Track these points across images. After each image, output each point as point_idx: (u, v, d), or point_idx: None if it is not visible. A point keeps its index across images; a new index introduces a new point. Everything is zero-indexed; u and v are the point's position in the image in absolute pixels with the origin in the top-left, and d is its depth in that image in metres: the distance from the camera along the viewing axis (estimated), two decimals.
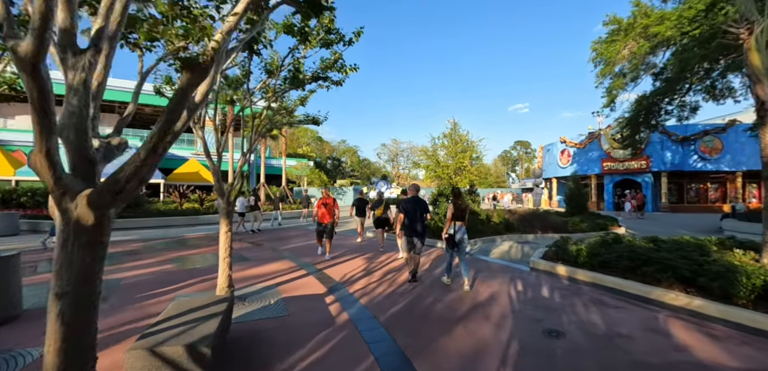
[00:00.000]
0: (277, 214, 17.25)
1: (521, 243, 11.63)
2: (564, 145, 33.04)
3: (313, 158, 50.35)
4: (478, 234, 11.96)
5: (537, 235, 13.02)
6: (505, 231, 13.09)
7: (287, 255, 9.07)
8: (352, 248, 10.28)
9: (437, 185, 18.15)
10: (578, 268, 6.83)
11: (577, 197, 16.52)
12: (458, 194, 6.35)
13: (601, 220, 15.06)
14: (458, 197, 6.23)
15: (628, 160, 28.20)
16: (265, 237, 12.57)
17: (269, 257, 8.75)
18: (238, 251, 9.56)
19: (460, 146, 17.00)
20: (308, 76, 5.60)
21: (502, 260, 8.60)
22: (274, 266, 7.77)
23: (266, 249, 10.03)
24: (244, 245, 10.79)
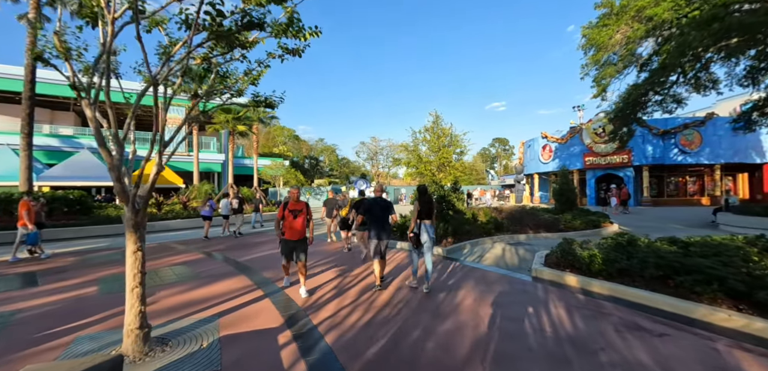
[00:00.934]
0: (259, 216, 16.58)
1: (514, 245, 10.52)
2: (545, 140, 32.55)
3: (288, 157, 48.37)
4: (465, 236, 10.79)
5: (529, 235, 11.96)
6: (495, 231, 11.98)
7: (246, 268, 7.60)
8: (324, 256, 8.89)
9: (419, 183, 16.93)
10: (592, 278, 5.70)
11: (566, 193, 15.63)
12: (424, 191, 6.02)
13: (594, 216, 14.20)
14: (424, 195, 5.93)
15: (610, 154, 27.87)
16: (231, 244, 11.01)
17: (222, 272, 7.26)
18: (190, 263, 8.02)
19: (442, 140, 15.77)
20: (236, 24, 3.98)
21: (498, 268, 7.41)
22: (224, 285, 6.31)
23: (222, 261, 8.51)
24: (199, 256, 9.22)
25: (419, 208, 5.79)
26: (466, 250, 9.69)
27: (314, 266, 7.76)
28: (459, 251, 9.44)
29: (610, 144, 27.84)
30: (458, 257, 8.62)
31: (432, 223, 5.83)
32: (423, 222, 5.79)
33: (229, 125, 21.07)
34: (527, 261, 8.07)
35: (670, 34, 11.21)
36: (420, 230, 5.76)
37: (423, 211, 5.80)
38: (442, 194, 11.60)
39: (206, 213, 12.99)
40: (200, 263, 8.23)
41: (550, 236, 11.96)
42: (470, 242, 10.33)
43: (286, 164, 39.61)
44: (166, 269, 7.61)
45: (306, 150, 68.40)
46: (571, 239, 7.58)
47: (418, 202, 5.85)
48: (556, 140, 31.60)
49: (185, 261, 8.49)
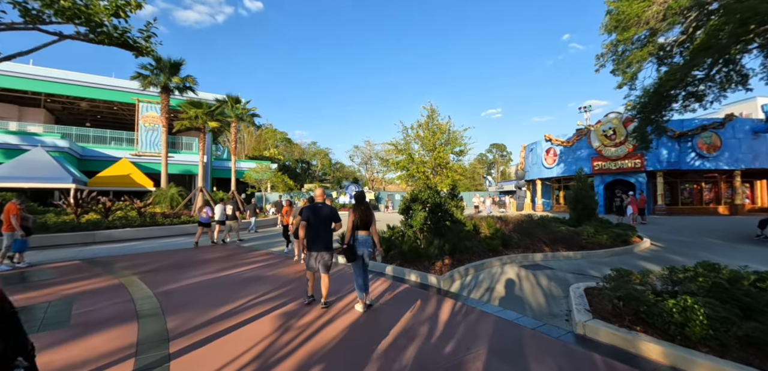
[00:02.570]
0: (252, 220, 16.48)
1: (531, 269, 8.19)
2: (549, 143, 30.35)
3: (277, 160, 45.97)
4: (466, 255, 8.46)
5: (545, 253, 9.63)
6: (504, 248, 9.66)
7: (149, 314, 5.21)
8: (276, 283, 6.50)
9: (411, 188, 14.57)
10: (693, 351, 3.37)
11: (583, 200, 13.35)
12: (361, 199, 5.46)
13: (618, 229, 11.91)
14: (361, 203, 5.39)
15: (621, 158, 25.68)
16: (186, 258, 8.60)
17: (108, 317, 4.86)
18: (82, 297, 5.60)
19: (438, 136, 13.47)
20: None
21: (518, 315, 5.05)
22: (87, 346, 3.92)
23: (127, 298, 6.09)
24: (109, 281, 6.80)
25: (354, 218, 5.22)
26: (470, 277, 7.34)
27: (258, 299, 5.39)
28: (460, 280, 7.10)
29: (621, 147, 25.73)
30: (460, 293, 6.26)
31: (368, 234, 5.26)
32: (359, 234, 5.21)
33: (199, 121, 18.66)
34: (557, 299, 5.74)
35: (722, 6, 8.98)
36: (355, 242, 5.19)
37: (360, 221, 5.21)
38: (438, 201, 9.28)
39: (203, 220, 12.28)
40: (95, 297, 5.81)
41: (571, 256, 9.66)
42: (473, 264, 7.97)
43: (273, 168, 37.17)
44: (38, 308, 5.23)
45: (298, 153, 66.01)
46: (626, 272, 5.27)
47: (354, 211, 5.27)
48: (561, 143, 29.41)
49: (79, 292, 6.08)
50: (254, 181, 34.60)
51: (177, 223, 15.20)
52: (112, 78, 30.73)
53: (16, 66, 27.91)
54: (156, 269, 8.05)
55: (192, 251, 10.63)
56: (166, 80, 20.25)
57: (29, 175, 17.85)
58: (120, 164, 24.84)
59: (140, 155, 29.64)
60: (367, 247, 5.20)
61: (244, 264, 8.59)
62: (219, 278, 7.13)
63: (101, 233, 12.63)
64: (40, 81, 28.56)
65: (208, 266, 8.31)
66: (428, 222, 9.09)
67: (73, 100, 31.41)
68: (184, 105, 19.03)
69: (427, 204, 9.24)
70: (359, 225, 5.21)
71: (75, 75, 29.46)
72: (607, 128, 25.93)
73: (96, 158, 28.54)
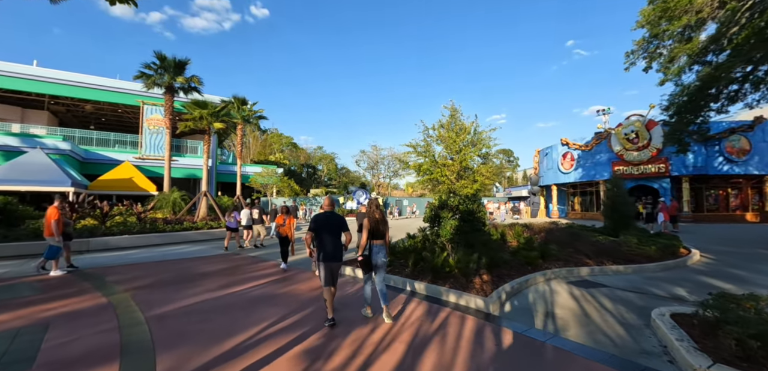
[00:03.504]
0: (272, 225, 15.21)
1: (583, 287, 7.10)
2: (566, 148, 29.19)
3: (282, 165, 45.11)
4: (505, 270, 7.41)
5: (591, 267, 8.52)
6: (543, 261, 8.56)
7: (141, 339, 4.19)
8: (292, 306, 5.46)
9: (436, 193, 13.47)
10: None
11: (620, 207, 12.21)
12: (377, 206, 5.19)
13: (663, 239, 10.78)
14: (377, 211, 5.11)
15: (644, 163, 24.48)
16: (172, 273, 7.61)
17: (87, 353, 3.85)
18: (33, 327, 4.60)
19: (463, 137, 12.32)
20: None
21: (599, 352, 3.98)
22: None
23: (103, 325, 5.08)
24: (90, 302, 5.80)
25: (369, 227, 5.02)
26: (517, 298, 6.26)
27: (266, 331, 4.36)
28: (508, 301, 6.02)
29: (644, 151, 24.53)
30: (514, 319, 5.19)
31: (383, 243, 5.08)
32: (374, 243, 5.05)
33: (204, 122, 17.74)
34: (638, 329, 4.65)
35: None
36: (371, 253, 5.01)
37: (374, 230, 5.03)
38: (470, 208, 8.22)
39: (231, 224, 12.03)
40: (75, 323, 4.80)
41: (621, 270, 8.55)
42: (516, 281, 6.89)
43: (279, 172, 36.28)
44: (2, 338, 4.24)
45: (304, 158, 65.12)
46: (736, 298, 4.19)
47: (369, 220, 5.05)
48: (578, 147, 28.23)
49: (58, 314, 5.08)
50: (260, 185, 33.70)
51: (179, 229, 14.24)
52: (117, 80, 30.02)
53: (18, 67, 27.29)
54: (152, 284, 7.04)
55: (193, 263, 9.63)
56: (170, 80, 19.41)
57: (26, 178, 17.01)
58: (122, 168, 24.01)
59: (144, 159, 28.84)
60: (382, 256, 5.03)
61: (252, 279, 7.56)
62: (223, 297, 6.10)
63: (96, 241, 11.68)
64: (43, 82, 27.87)
65: (211, 281, 7.28)
66: (456, 232, 8.04)
67: (76, 102, 30.75)
68: (189, 106, 18.13)
69: (458, 211, 8.18)
70: (374, 234, 5.02)
71: (79, 76, 28.78)
72: (629, 131, 24.76)
73: (99, 161, 27.75)
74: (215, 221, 16.17)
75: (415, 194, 70.99)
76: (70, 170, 21.38)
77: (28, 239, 11.56)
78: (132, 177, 23.24)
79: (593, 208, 29.35)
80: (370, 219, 5.03)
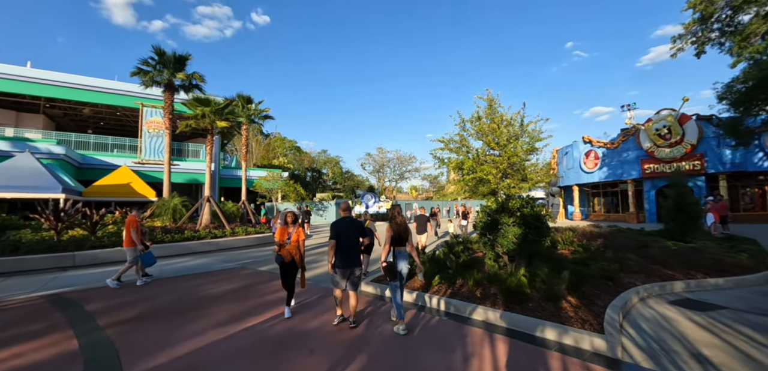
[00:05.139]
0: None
1: (701, 311, 5.49)
2: (589, 146, 27.52)
3: (287, 169, 43.61)
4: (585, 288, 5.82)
5: (687, 282, 6.90)
6: (623, 275, 6.95)
7: None
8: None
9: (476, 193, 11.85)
10: None
11: (686, 209, 10.63)
12: (399, 212, 5.05)
13: (750, 244, 9.17)
14: (398, 216, 4.98)
15: (677, 160, 22.80)
16: (169, 296, 6.03)
17: None
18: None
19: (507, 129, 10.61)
20: None
21: None
22: None
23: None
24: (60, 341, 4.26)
25: (392, 233, 4.82)
26: (633, 329, 4.66)
27: None
28: (627, 337, 4.42)
29: (677, 147, 22.88)
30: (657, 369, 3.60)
31: (405, 250, 4.93)
32: (397, 249, 4.87)
33: (207, 120, 16.22)
34: None
35: None
36: (395, 259, 4.84)
37: (397, 236, 4.83)
38: (536, 212, 6.65)
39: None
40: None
41: (721, 284, 6.98)
42: (614, 304, 5.28)
43: (284, 176, 34.76)
44: None
45: (308, 162, 63.51)
46: None
47: (391, 226, 4.86)
48: (603, 145, 26.57)
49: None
50: (265, 190, 32.21)
51: (179, 239, 12.68)
52: (115, 81, 28.59)
53: (13, 68, 25.91)
54: (142, 314, 5.47)
55: (195, 281, 8.06)
56: (169, 76, 17.92)
57: (11, 184, 15.52)
58: (119, 172, 22.52)
59: (144, 163, 27.35)
60: (405, 263, 4.89)
61: (270, 305, 5.96)
62: (237, 337, 4.53)
63: (84, 254, 10.12)
64: (38, 84, 26.44)
65: (218, 309, 5.70)
66: (521, 241, 6.47)
67: (74, 105, 29.31)
68: (190, 103, 16.59)
69: (522, 216, 6.61)
70: (397, 240, 4.88)
71: (75, 78, 27.38)
72: (661, 126, 23.11)
73: (96, 167, 26.25)
74: (219, 230, 14.63)
75: (420, 197, 69.38)
76: (64, 175, 19.90)
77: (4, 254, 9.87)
78: (130, 182, 21.75)
79: (618, 209, 27.69)
80: (393, 225, 4.89)
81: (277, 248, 5.38)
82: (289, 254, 5.30)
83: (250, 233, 15.26)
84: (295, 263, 5.37)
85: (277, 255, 5.35)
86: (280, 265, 5.35)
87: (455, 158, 11.25)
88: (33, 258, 9.55)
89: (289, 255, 5.30)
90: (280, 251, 5.34)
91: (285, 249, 5.32)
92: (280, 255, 5.32)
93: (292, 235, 5.37)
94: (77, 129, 33.28)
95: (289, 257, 5.30)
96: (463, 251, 8.76)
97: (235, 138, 44.77)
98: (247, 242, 14.56)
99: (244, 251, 12.91)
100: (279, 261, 5.35)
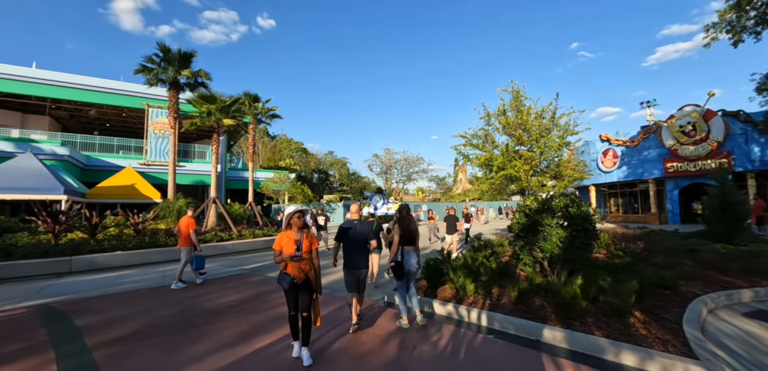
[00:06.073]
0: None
1: None
2: (607, 144, 26.55)
3: (294, 170, 43.01)
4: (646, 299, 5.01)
5: (752, 289, 6.07)
6: (682, 283, 6.12)
7: None
8: None
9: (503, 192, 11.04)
10: None
11: (733, 208, 9.76)
12: (408, 212, 5.12)
13: None
14: (406, 215, 5.05)
15: (702, 157, 21.76)
16: (169, 310, 5.31)
17: None
18: None
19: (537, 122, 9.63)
20: None
21: None
22: None
23: None
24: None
25: (401, 232, 4.88)
26: (721, 350, 3.84)
27: None
28: (725, 364, 3.61)
29: (703, 145, 21.83)
30: None
31: (414, 249, 4.96)
32: (406, 249, 4.91)
33: (213, 118, 15.57)
34: None
35: None
36: (402, 258, 4.85)
37: (405, 236, 4.89)
38: (583, 211, 5.85)
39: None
40: None
41: None
42: (689, 318, 4.47)
43: (291, 178, 34.13)
44: None
45: (314, 164, 62.90)
46: None
47: (399, 226, 4.92)
48: (622, 143, 25.59)
49: None
50: (272, 192, 31.59)
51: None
52: (121, 82, 28.18)
53: (17, 69, 25.58)
54: (137, 332, 4.75)
55: (199, 291, 7.34)
56: (174, 74, 17.32)
57: (12, 185, 14.99)
58: (124, 174, 21.98)
59: (149, 165, 26.87)
60: (413, 263, 4.92)
61: (283, 320, 5.19)
62: (248, 361, 3.78)
63: (81, 259, 9.45)
64: (44, 85, 26.07)
65: (226, 325, 4.96)
66: (568, 246, 5.67)
67: (79, 106, 28.95)
68: (196, 100, 15.97)
69: (568, 216, 5.81)
70: (405, 240, 4.91)
71: (81, 79, 27.02)
72: (685, 122, 22.09)
73: (102, 168, 25.81)
74: (225, 232, 13.95)
75: (428, 199, 68.46)
76: (67, 176, 19.39)
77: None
78: (134, 183, 21.19)
79: (636, 210, 26.66)
80: (401, 225, 4.93)
81: (283, 265, 3.75)
82: (302, 272, 3.68)
83: (258, 235, 14.56)
84: (310, 284, 3.79)
85: (282, 274, 3.72)
86: (289, 288, 3.70)
87: (480, 154, 10.39)
88: (26, 264, 8.89)
89: (302, 273, 3.67)
90: (287, 267, 3.71)
91: (294, 265, 3.67)
92: (287, 274, 3.67)
93: (302, 243, 3.77)
94: (83, 131, 32.92)
95: (301, 275, 3.67)
96: (491, 256, 7.97)
97: (242, 139, 44.31)
98: (255, 245, 13.86)
99: (251, 255, 12.21)
100: (286, 283, 3.67)
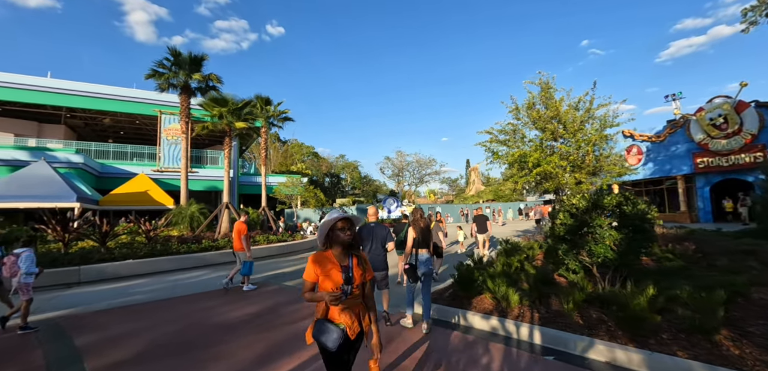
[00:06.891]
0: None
1: None
2: (631, 140, 25.43)
3: (306, 175, 42.67)
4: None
5: None
6: (750, 288, 5.35)
7: None
8: None
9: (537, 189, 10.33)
10: None
11: None
12: (421, 215, 4.94)
13: None
14: (421, 218, 4.92)
15: (735, 152, 20.56)
16: (178, 325, 4.78)
17: None
18: None
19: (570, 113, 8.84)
20: None
21: None
22: None
23: None
24: None
25: (415, 235, 4.85)
26: None
27: None
28: None
29: (735, 138, 20.64)
30: None
31: (429, 252, 4.91)
32: (420, 252, 4.85)
33: (225, 121, 15.20)
34: None
35: None
36: (417, 261, 4.79)
37: (420, 238, 4.85)
38: (639, 210, 5.14)
39: None
40: None
41: None
42: None
43: (303, 182, 33.75)
44: None
45: (326, 168, 62.72)
46: None
47: (414, 229, 4.86)
48: (647, 138, 24.50)
49: None
50: (284, 196, 31.24)
51: (196, 250, 11.57)
52: (134, 89, 28.26)
53: (33, 79, 25.81)
54: (139, 354, 4.21)
55: (211, 303, 6.81)
56: (185, 78, 17.06)
57: (24, 193, 14.81)
58: (137, 180, 21.82)
59: (162, 171, 26.81)
60: (427, 267, 4.88)
61: (302, 338, 4.63)
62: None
63: (89, 269, 9.04)
64: (59, 94, 26.23)
65: (239, 345, 4.40)
66: (626, 248, 4.96)
67: (94, 114, 29.09)
68: (207, 103, 15.63)
69: (623, 215, 5.10)
70: (420, 243, 4.86)
71: (95, 87, 27.18)
72: (716, 115, 20.93)
73: (116, 175, 25.83)
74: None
75: (440, 200, 67.55)
76: (81, 184, 19.27)
77: None
78: (147, 190, 21.00)
79: (663, 208, 25.45)
80: (415, 228, 4.90)
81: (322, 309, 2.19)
82: (355, 320, 2.22)
83: (272, 241, 14.09)
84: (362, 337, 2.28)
85: (321, 324, 2.13)
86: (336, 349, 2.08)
87: (508, 150, 9.67)
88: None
89: (356, 322, 2.22)
90: (328, 312, 2.19)
91: (345, 314, 2.17)
92: (330, 323, 2.12)
93: (352, 271, 2.20)
94: (98, 139, 33.13)
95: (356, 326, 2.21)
96: (525, 260, 7.28)
97: (254, 145, 44.22)
98: (269, 251, 13.37)
99: (265, 262, 11.70)
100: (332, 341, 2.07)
